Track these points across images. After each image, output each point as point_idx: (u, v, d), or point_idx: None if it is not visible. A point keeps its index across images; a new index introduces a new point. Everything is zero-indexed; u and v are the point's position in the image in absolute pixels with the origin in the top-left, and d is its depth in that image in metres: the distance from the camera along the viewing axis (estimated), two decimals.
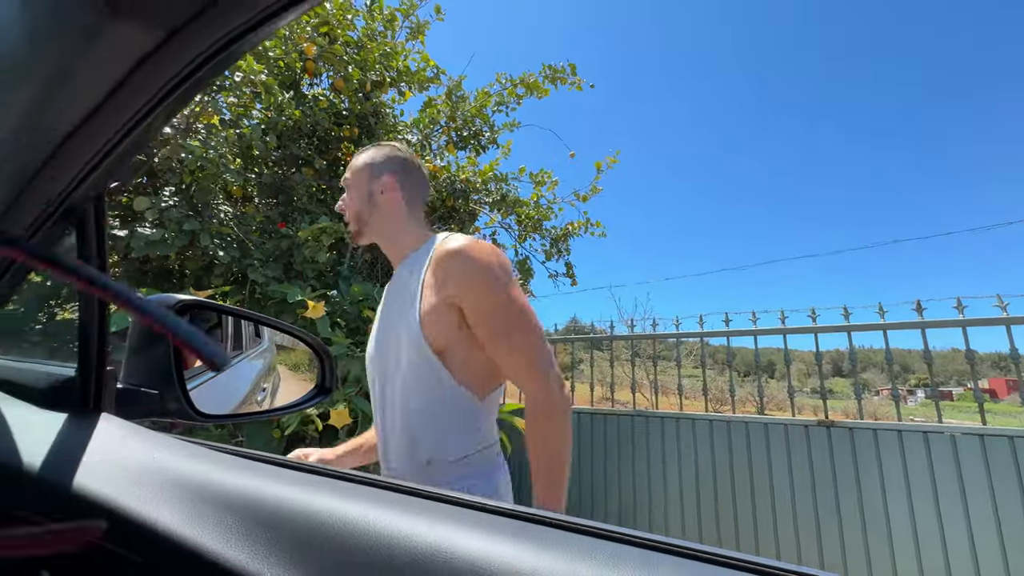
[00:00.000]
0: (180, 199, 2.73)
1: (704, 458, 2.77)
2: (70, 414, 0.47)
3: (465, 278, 0.89)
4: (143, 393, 0.56)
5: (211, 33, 0.31)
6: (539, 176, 4.71)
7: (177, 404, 0.56)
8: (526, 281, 4.80)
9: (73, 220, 0.45)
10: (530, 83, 4.27)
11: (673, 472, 2.85)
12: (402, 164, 1.14)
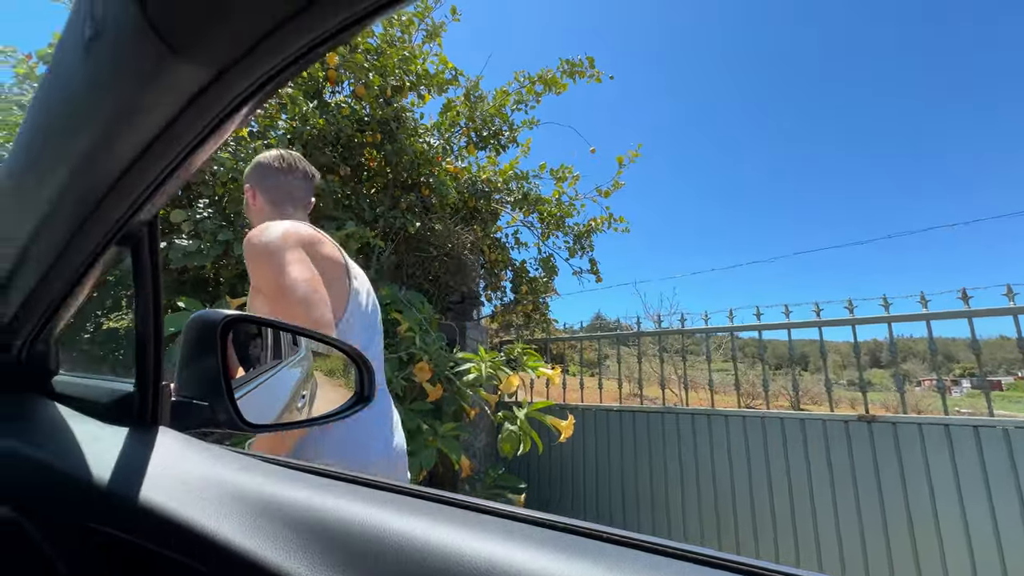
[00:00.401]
0: (214, 210, 2.83)
1: (738, 456, 2.72)
2: (131, 428, 0.50)
3: (249, 264, 1.03)
4: (195, 405, 0.58)
5: (255, 71, 0.33)
6: (560, 172, 4.70)
7: (227, 415, 0.59)
8: (550, 279, 4.79)
9: (129, 244, 0.48)
10: (548, 79, 4.26)
11: (706, 470, 2.81)
12: (260, 173, 1.29)
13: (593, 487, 3.20)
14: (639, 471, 3.04)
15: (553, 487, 3.37)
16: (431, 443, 2.44)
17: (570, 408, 3.43)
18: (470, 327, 3.58)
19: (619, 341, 3.54)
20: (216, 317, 0.59)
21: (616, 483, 3.11)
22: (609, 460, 3.17)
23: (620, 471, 3.11)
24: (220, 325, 0.59)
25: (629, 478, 3.06)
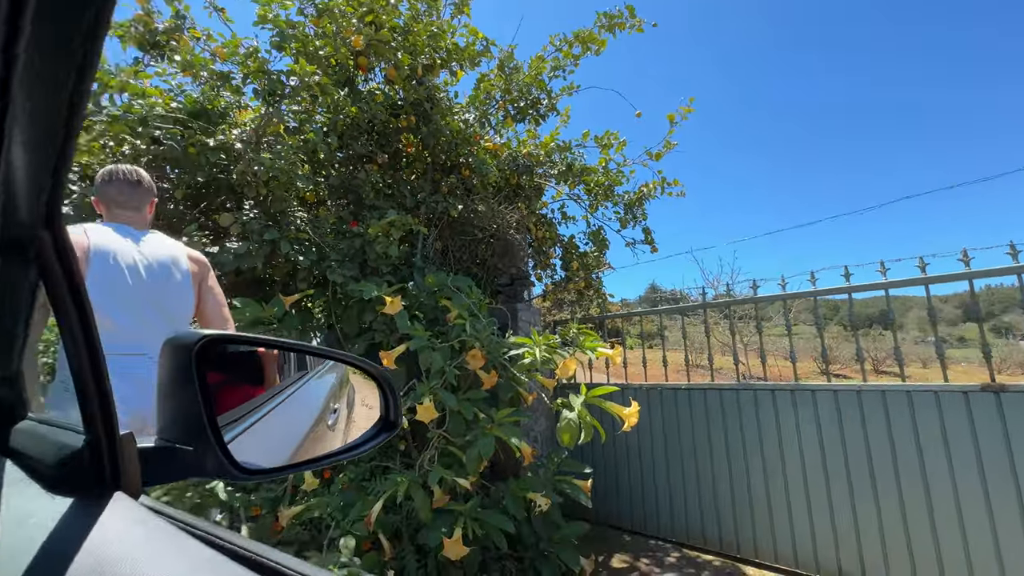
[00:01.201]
0: (259, 211, 2.83)
1: (831, 436, 2.41)
2: (77, 499, 0.38)
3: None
4: (178, 451, 0.46)
5: None
6: (605, 139, 4.38)
7: (215, 461, 0.46)
8: (601, 252, 4.53)
9: (23, 256, 0.35)
10: (585, 37, 3.93)
11: (792, 454, 2.53)
12: (95, 186, 1.66)
13: (664, 472, 3.00)
14: (715, 454, 2.80)
15: (620, 471, 3.20)
16: (489, 431, 2.34)
17: (633, 388, 3.22)
18: (521, 309, 3.43)
19: (682, 313, 3.26)
20: (189, 339, 0.46)
21: (689, 467, 2.89)
22: (680, 442, 2.95)
23: (693, 454, 2.88)
24: (194, 348, 0.46)
25: (704, 462, 2.84)
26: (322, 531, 2.31)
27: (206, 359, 0.48)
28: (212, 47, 3.16)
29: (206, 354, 0.46)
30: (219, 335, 0.47)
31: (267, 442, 0.58)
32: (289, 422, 0.63)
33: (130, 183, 1.64)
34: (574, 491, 2.58)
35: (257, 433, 0.59)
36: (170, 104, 2.66)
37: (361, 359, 0.61)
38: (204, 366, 0.47)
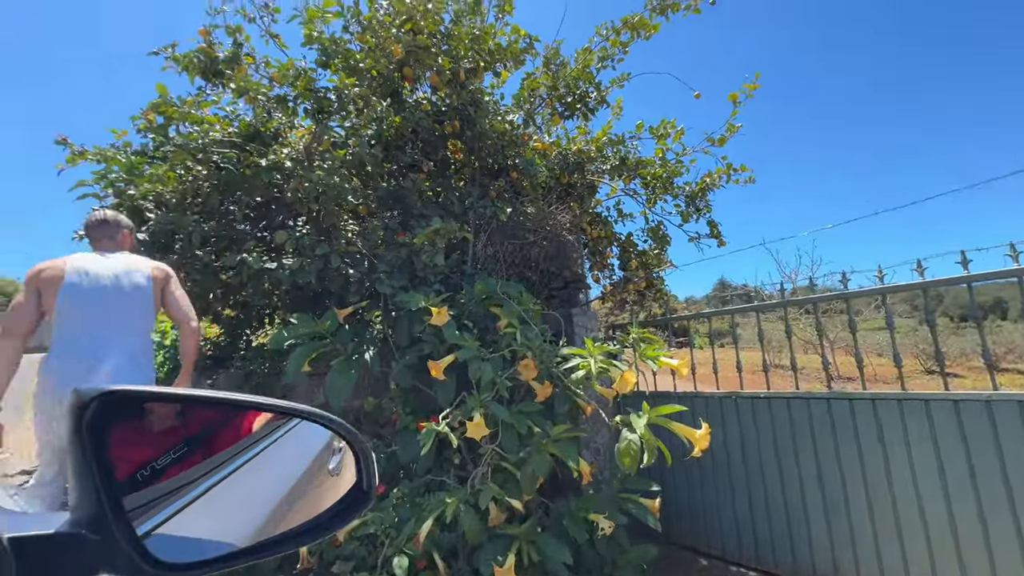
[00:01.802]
0: (311, 226, 2.87)
1: (953, 457, 2.00)
2: None
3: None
4: (83, 540, 0.35)
5: None
6: (660, 128, 4.09)
7: (124, 554, 0.35)
8: (662, 249, 4.23)
9: None
10: (635, 23, 3.68)
11: (903, 477, 2.12)
12: (84, 230, 2.27)
13: (744, 491, 2.67)
14: (804, 472, 2.44)
15: (694, 488, 2.91)
16: (544, 447, 2.18)
17: (704, 397, 2.92)
18: (576, 314, 3.24)
19: (758, 311, 2.92)
20: (83, 396, 0.35)
21: (774, 486, 2.55)
22: (761, 458, 2.61)
23: (777, 472, 2.54)
24: (87, 406, 0.35)
25: (791, 481, 2.49)
26: (377, 547, 2.27)
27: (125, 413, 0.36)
28: (269, 72, 3.29)
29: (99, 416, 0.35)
30: (122, 391, 0.36)
31: (226, 515, 0.47)
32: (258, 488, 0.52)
33: (97, 221, 2.23)
34: (640, 511, 2.35)
35: (215, 503, 0.48)
36: (227, 129, 2.77)
37: (325, 415, 0.48)
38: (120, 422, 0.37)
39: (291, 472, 0.55)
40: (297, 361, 2.47)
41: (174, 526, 0.44)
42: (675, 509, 2.95)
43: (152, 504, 0.43)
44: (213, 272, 3.03)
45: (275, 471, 0.56)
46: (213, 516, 0.47)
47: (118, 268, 2.10)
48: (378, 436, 3.20)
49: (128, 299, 2.07)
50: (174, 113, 2.72)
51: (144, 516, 0.42)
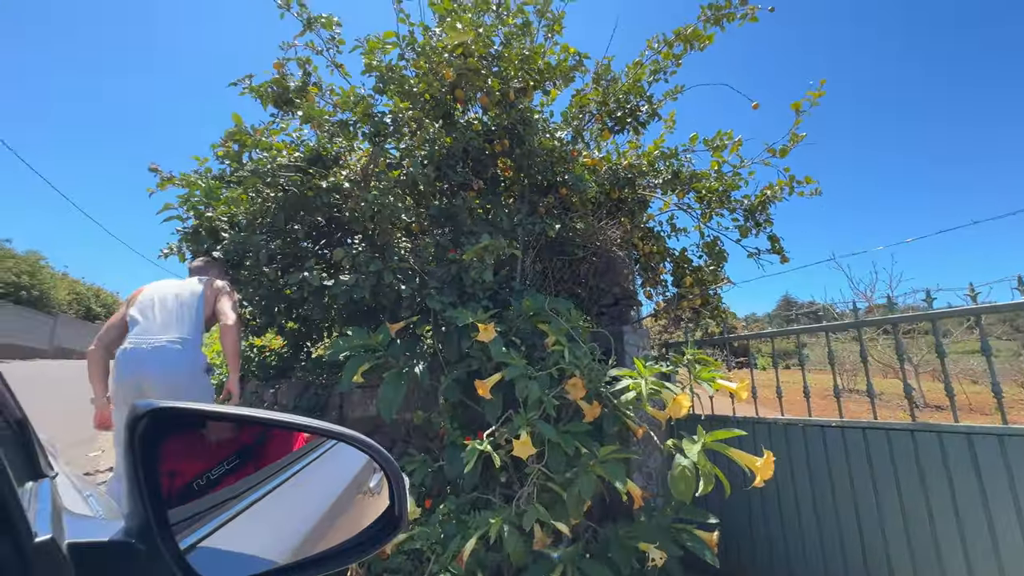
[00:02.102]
0: (367, 244, 3.00)
1: None
2: None
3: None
4: (134, 550, 0.37)
5: None
6: (716, 140, 3.94)
7: (164, 565, 0.36)
8: (718, 266, 4.04)
9: None
10: (687, 35, 3.60)
11: (1009, 525, 1.86)
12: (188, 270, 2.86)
13: (814, 530, 2.44)
14: (885, 514, 2.20)
15: (756, 522, 2.70)
16: (591, 468, 2.11)
17: (766, 423, 2.72)
18: (627, 331, 3.15)
19: (827, 331, 2.70)
20: (136, 410, 0.37)
21: (849, 528, 2.31)
22: (834, 495, 2.38)
23: (853, 511, 2.30)
24: (139, 421, 0.37)
25: (870, 524, 2.24)
26: (423, 563, 2.27)
27: (175, 430, 0.38)
28: (333, 100, 3.50)
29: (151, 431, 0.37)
30: (175, 408, 0.37)
31: (268, 530, 0.48)
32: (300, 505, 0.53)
33: (196, 267, 2.81)
34: (696, 544, 2.20)
35: (258, 517, 0.49)
36: (293, 154, 2.97)
37: (360, 438, 0.48)
38: (178, 434, 0.38)
39: (332, 490, 0.55)
40: (350, 372, 2.55)
41: (219, 539, 0.45)
42: (734, 541, 2.75)
43: (199, 516, 0.44)
44: (278, 288, 3.23)
45: (316, 488, 0.57)
46: (256, 530, 0.48)
47: (183, 285, 2.60)
48: (427, 450, 3.23)
49: (181, 303, 2.49)
50: (247, 140, 2.96)
51: (191, 528, 0.43)
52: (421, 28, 3.26)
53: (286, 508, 0.52)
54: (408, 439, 3.47)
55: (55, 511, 0.39)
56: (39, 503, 0.39)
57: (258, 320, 3.77)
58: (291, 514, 0.52)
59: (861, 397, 10.36)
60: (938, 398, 10.14)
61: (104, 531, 0.38)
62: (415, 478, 2.51)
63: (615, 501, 2.55)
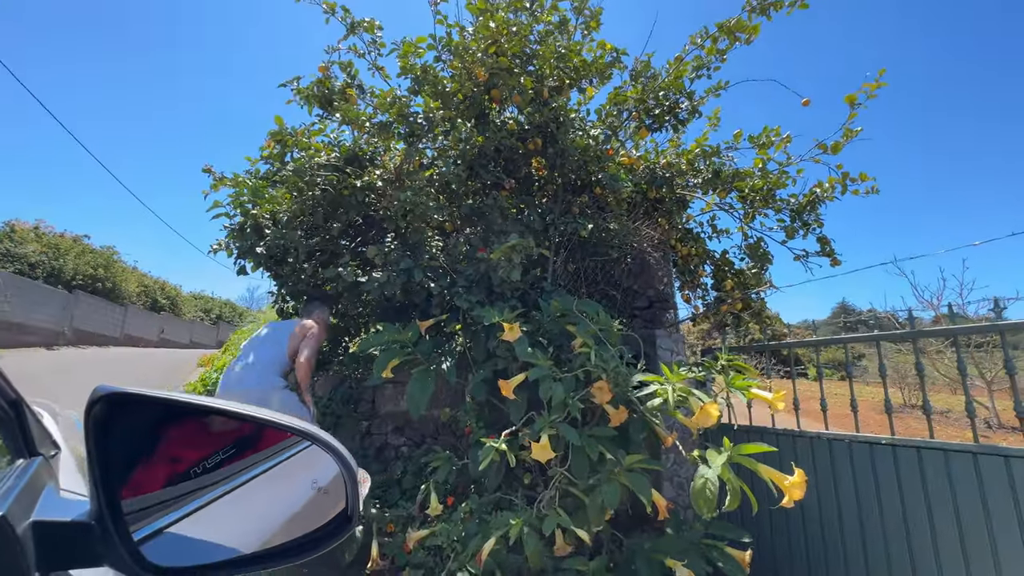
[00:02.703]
0: (399, 242, 3.05)
1: None
2: None
3: None
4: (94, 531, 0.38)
5: None
6: (762, 137, 3.75)
7: (116, 550, 0.36)
8: (762, 268, 3.84)
9: None
10: (731, 27, 3.44)
11: None
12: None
13: (859, 554, 2.27)
14: (941, 543, 2.01)
15: (794, 543, 2.54)
16: (615, 476, 2.05)
17: (808, 437, 2.55)
18: (661, 335, 3.05)
19: (878, 341, 2.51)
20: (93, 394, 0.38)
21: (900, 556, 2.13)
22: (883, 519, 2.20)
23: (903, 537, 2.12)
24: (93, 406, 0.37)
25: (924, 553, 2.06)
26: (444, 559, 2.28)
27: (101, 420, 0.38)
28: (374, 102, 3.59)
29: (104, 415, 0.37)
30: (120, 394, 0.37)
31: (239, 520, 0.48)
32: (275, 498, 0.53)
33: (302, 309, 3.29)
34: (728, 564, 2.10)
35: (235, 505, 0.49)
36: (331, 154, 3.06)
37: (321, 436, 0.47)
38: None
39: (304, 484, 0.55)
40: (380, 367, 2.61)
41: (189, 525, 0.45)
42: (770, 560, 2.60)
43: (168, 504, 0.45)
44: (316, 283, 3.35)
45: (293, 481, 0.57)
46: (229, 519, 0.48)
47: (279, 324, 3.06)
48: (453, 448, 3.25)
49: (268, 340, 2.94)
50: (289, 141, 3.08)
51: (158, 514, 0.44)
52: (458, 29, 3.29)
53: (262, 499, 0.52)
54: (436, 436, 3.51)
55: (26, 490, 0.41)
56: (10, 482, 0.40)
57: (299, 314, 3.92)
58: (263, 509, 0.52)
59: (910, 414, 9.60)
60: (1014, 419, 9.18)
61: (68, 512, 0.39)
62: (439, 475, 2.52)
63: (641, 510, 2.46)
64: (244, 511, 0.51)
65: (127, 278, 17.98)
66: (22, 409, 0.50)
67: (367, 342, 2.67)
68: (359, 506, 0.49)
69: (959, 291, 9.70)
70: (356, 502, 0.48)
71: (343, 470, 0.47)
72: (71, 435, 0.82)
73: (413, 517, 2.65)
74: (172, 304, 22.16)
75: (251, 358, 2.85)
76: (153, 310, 20.37)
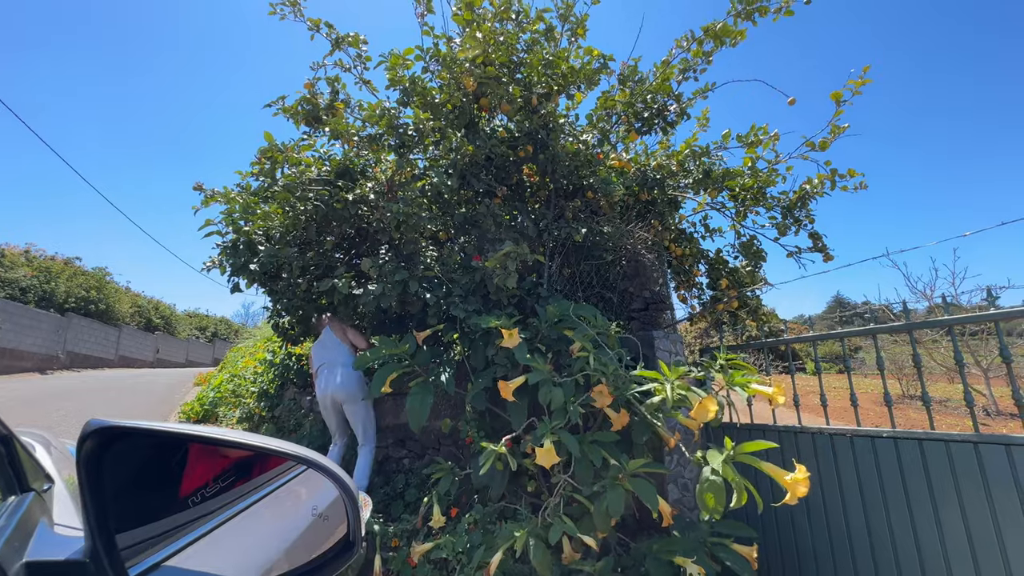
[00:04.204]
0: (393, 254, 3.04)
1: None
2: None
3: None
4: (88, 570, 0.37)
5: None
6: (750, 136, 3.79)
7: None
8: (756, 266, 3.86)
9: None
10: (718, 31, 3.48)
11: None
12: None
13: (865, 548, 2.27)
14: (948, 537, 2.01)
15: (801, 538, 2.53)
16: (619, 482, 2.04)
17: (810, 433, 2.56)
18: (658, 337, 3.04)
19: (874, 334, 2.52)
20: (84, 429, 0.37)
21: (907, 550, 2.12)
22: (888, 512, 2.20)
23: (910, 532, 2.12)
24: (84, 442, 0.36)
25: (930, 547, 2.05)
26: (449, 572, 2.26)
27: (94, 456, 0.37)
28: (362, 115, 3.60)
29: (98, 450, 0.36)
30: (115, 428, 0.37)
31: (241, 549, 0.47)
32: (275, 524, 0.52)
33: (328, 327, 3.53)
34: (735, 560, 2.09)
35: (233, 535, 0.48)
36: (321, 168, 3.06)
37: (319, 461, 0.46)
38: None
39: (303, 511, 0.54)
40: (379, 381, 2.59)
41: (187, 558, 0.44)
42: (777, 556, 2.59)
43: (164, 536, 0.44)
44: (311, 298, 3.33)
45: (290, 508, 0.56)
46: (226, 550, 0.47)
47: (328, 334, 3.51)
48: (455, 458, 3.23)
49: (329, 347, 3.47)
50: (279, 157, 3.07)
51: (154, 548, 0.43)
52: (445, 40, 3.30)
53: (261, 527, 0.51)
54: (438, 447, 3.48)
55: (19, 528, 0.40)
56: (1, 521, 0.39)
57: (295, 329, 3.90)
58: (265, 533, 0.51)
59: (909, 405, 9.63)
60: (1012, 405, 9.24)
61: (70, 548, 0.38)
62: (441, 486, 2.50)
63: (647, 513, 2.45)
64: (243, 540, 0.50)
65: (120, 299, 17.82)
66: (12, 444, 0.49)
67: (364, 358, 2.66)
68: (361, 531, 0.48)
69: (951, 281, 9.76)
70: (358, 527, 0.47)
71: (343, 494, 0.46)
72: (65, 466, 0.81)
73: (417, 530, 2.63)
74: (167, 323, 21.98)
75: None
76: (148, 330, 20.20)
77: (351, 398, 3.29)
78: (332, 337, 3.46)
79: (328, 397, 3.32)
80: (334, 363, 3.35)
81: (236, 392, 6.05)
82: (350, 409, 3.31)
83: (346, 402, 3.30)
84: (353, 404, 3.29)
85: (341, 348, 3.41)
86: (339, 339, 3.44)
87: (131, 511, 0.39)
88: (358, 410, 3.30)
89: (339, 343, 3.43)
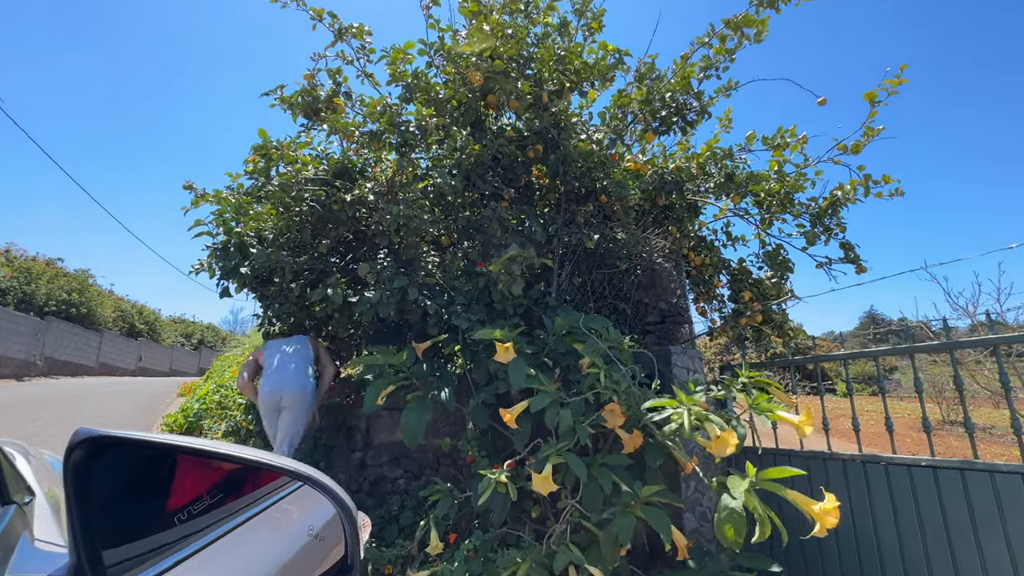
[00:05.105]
0: (392, 259, 3.07)
1: None
2: None
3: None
4: None
5: None
6: (776, 138, 3.79)
7: None
8: (782, 277, 3.84)
9: None
10: (738, 22, 3.50)
11: None
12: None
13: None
14: (991, 571, 1.98)
15: (829, 564, 2.49)
16: (630, 510, 2.02)
17: (841, 459, 2.52)
18: (676, 352, 3.03)
19: (911, 353, 2.49)
20: (73, 437, 0.38)
21: None
22: (926, 547, 2.16)
23: (951, 567, 2.08)
24: (71, 452, 0.37)
25: None
26: None
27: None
28: (363, 110, 3.65)
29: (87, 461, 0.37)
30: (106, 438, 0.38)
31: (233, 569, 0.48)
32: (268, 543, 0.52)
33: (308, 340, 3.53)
34: None
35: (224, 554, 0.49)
36: (319, 167, 3.10)
37: (318, 479, 0.47)
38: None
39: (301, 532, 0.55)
40: (373, 394, 2.60)
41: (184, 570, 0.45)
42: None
43: (153, 554, 0.45)
44: (304, 304, 3.36)
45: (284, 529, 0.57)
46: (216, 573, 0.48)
47: (292, 345, 3.44)
48: (454, 479, 3.22)
49: (291, 358, 3.39)
50: (274, 155, 3.12)
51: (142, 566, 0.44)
52: (450, 33, 3.36)
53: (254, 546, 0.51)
54: (436, 467, 3.48)
55: None
56: None
57: None
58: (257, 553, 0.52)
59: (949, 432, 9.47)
60: None
61: (52, 564, 0.39)
62: (439, 510, 2.50)
63: (661, 544, 2.43)
64: (235, 560, 0.50)
65: (103, 302, 18.03)
66: None
67: (364, 359, 2.67)
68: (360, 553, 0.48)
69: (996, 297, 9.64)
70: (356, 549, 0.48)
71: (341, 514, 0.47)
72: (45, 477, 0.82)
73: (412, 556, 2.62)
74: (151, 329, 22.18)
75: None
76: (131, 336, 20.38)
77: (297, 399, 3.19)
78: (306, 346, 3.43)
79: (278, 393, 3.21)
80: (289, 362, 3.30)
81: (222, 403, 6.08)
82: (288, 415, 3.20)
83: (290, 405, 3.20)
84: (294, 409, 3.20)
85: (307, 355, 3.38)
86: (311, 348, 3.43)
87: (118, 526, 0.40)
88: (296, 417, 3.20)
89: (308, 354, 3.40)
